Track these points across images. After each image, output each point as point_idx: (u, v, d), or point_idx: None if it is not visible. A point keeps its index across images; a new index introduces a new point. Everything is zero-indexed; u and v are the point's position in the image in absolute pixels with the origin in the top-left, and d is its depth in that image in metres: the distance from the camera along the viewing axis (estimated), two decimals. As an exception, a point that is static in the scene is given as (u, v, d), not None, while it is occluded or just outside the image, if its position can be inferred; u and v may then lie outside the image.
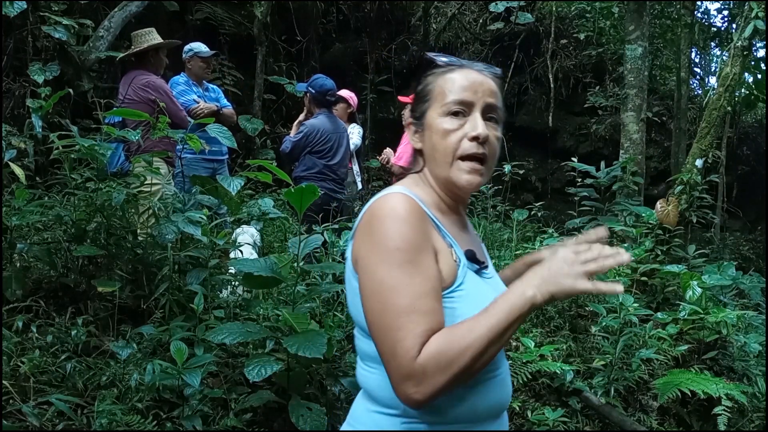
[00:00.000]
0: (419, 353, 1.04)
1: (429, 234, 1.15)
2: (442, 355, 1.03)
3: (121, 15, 5.93)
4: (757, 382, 3.39)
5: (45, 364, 2.18)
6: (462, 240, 1.25)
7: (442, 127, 1.22)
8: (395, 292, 1.08)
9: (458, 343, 1.04)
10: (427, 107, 1.27)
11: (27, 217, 2.69)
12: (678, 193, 4.93)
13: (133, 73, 4.21)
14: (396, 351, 1.05)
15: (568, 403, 3.06)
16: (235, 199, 3.37)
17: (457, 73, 1.25)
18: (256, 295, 2.95)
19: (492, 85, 1.25)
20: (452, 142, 1.21)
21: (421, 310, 1.07)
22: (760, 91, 8.99)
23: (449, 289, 1.15)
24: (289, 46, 9.25)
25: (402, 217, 1.11)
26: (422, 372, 1.03)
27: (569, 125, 11.01)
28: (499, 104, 1.26)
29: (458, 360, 1.03)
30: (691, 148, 5.40)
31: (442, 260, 1.15)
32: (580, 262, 1.05)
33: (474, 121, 1.21)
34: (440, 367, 1.03)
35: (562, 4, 10.96)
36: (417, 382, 1.04)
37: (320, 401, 2.33)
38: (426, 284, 1.09)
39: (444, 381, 1.03)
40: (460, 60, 1.29)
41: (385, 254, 1.10)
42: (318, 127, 4.68)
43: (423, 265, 1.10)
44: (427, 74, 1.29)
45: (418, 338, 1.05)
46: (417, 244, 1.11)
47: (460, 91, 1.22)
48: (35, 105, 4.16)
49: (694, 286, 3.61)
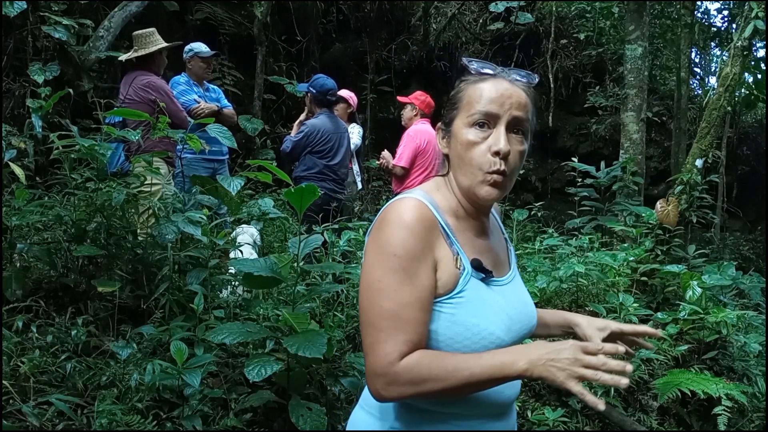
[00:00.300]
0: (399, 359, 1.11)
1: (432, 243, 1.18)
2: (418, 373, 1.10)
3: (121, 15, 5.93)
4: (757, 382, 3.39)
5: (45, 364, 2.18)
6: (475, 246, 1.27)
7: (466, 138, 1.23)
8: (383, 295, 1.14)
9: (437, 371, 1.10)
10: (455, 115, 1.28)
11: (27, 217, 2.69)
12: (678, 193, 4.92)
13: (134, 73, 4.21)
14: (375, 349, 1.13)
15: (568, 403, 3.06)
16: (235, 199, 3.37)
17: (488, 83, 1.24)
18: (256, 295, 2.95)
19: (522, 97, 1.24)
20: (475, 155, 1.22)
21: (404, 318, 1.13)
22: (760, 91, 9.00)
23: (448, 296, 1.18)
24: (289, 46, 9.25)
25: (406, 225, 1.15)
26: (395, 377, 1.11)
27: (569, 125, 11.01)
28: (527, 116, 1.24)
29: (430, 383, 1.10)
30: (691, 148, 5.40)
31: (443, 268, 1.18)
32: (580, 364, 1.06)
33: (497, 135, 1.21)
34: (412, 381, 1.10)
35: (562, 4, 10.96)
36: (387, 383, 1.12)
37: (320, 401, 2.33)
38: (413, 294, 1.14)
39: (410, 392, 1.11)
40: (495, 67, 1.28)
41: (383, 258, 1.15)
42: (319, 127, 4.68)
43: (416, 275, 1.15)
44: (461, 81, 1.30)
45: (399, 345, 1.12)
46: (415, 253, 1.15)
47: (486, 103, 1.22)
48: (35, 105, 4.16)
49: (694, 286, 3.60)
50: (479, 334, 1.17)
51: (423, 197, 1.22)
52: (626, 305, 3.27)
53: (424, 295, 1.15)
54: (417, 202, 1.19)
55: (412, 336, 1.13)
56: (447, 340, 1.17)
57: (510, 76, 1.26)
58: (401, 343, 1.12)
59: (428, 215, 1.19)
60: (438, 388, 1.10)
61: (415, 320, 1.14)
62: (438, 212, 1.22)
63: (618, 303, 3.30)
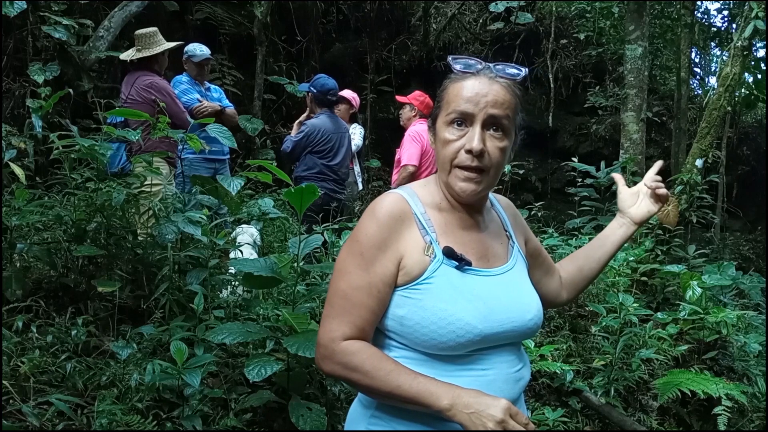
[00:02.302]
0: (341, 339, 1.20)
1: (399, 236, 1.24)
2: (352, 361, 1.18)
3: (121, 15, 5.93)
4: (757, 382, 3.39)
5: (45, 364, 2.18)
6: (457, 237, 1.29)
7: (443, 136, 1.28)
8: (340, 275, 1.25)
9: (370, 369, 1.16)
10: (437, 114, 1.33)
11: (27, 217, 2.69)
12: (678, 193, 4.92)
13: (137, 73, 4.21)
14: (324, 323, 1.24)
15: (568, 403, 3.06)
16: (235, 199, 3.37)
17: (469, 81, 1.27)
18: (256, 295, 2.94)
19: (500, 95, 1.25)
20: (450, 152, 1.27)
21: (352, 300, 1.21)
22: (760, 91, 8.98)
23: (415, 281, 1.23)
24: (289, 46, 9.24)
25: (375, 216, 1.25)
26: (332, 353, 1.20)
27: (569, 125, 11.00)
28: (506, 113, 1.26)
29: (359, 375, 1.17)
30: (691, 148, 5.40)
31: (411, 256, 1.23)
32: (502, 428, 1.08)
33: (472, 134, 1.25)
34: (344, 365, 1.19)
35: (562, 4, 10.95)
36: (323, 356, 1.22)
37: (320, 401, 2.33)
38: (365, 279, 1.21)
39: (340, 374, 1.20)
40: (478, 65, 1.29)
41: (349, 242, 1.26)
42: (319, 126, 4.67)
43: (372, 262, 1.22)
44: (446, 79, 1.33)
45: (342, 324, 1.21)
46: (376, 242, 1.22)
47: (462, 103, 1.25)
48: (35, 105, 4.15)
49: (694, 286, 3.60)
50: (446, 320, 1.18)
51: (405, 192, 1.30)
52: (626, 305, 3.27)
53: (375, 282, 1.21)
54: (395, 197, 1.28)
55: (356, 319, 1.20)
56: (414, 325, 1.20)
57: (493, 72, 1.28)
58: (345, 323, 1.20)
59: (402, 208, 1.26)
60: (365, 383, 1.17)
61: (362, 304, 1.21)
62: (419, 205, 1.28)
63: (618, 303, 3.30)
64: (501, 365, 1.25)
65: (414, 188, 1.33)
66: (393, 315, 1.23)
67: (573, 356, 3.38)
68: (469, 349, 1.21)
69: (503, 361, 1.26)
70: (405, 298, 1.22)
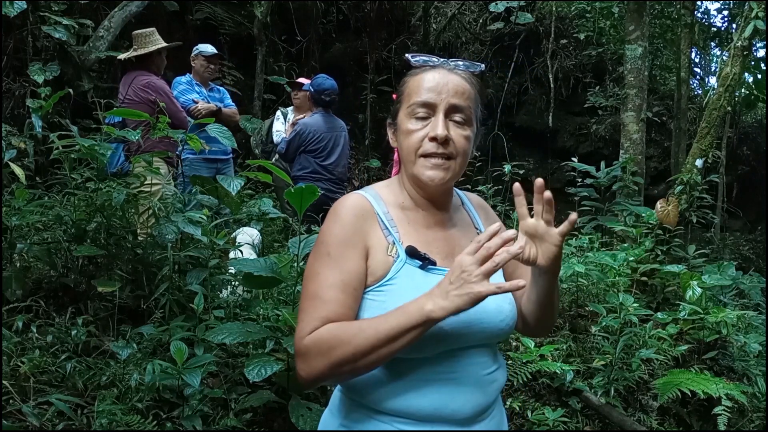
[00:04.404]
0: (309, 334, 1.15)
1: (364, 232, 1.22)
2: (324, 341, 1.12)
3: (121, 15, 5.93)
4: (757, 382, 3.39)
5: (45, 364, 2.18)
6: (421, 236, 1.27)
7: (406, 127, 1.28)
8: (309, 279, 1.21)
9: (343, 336, 1.11)
10: (398, 108, 1.33)
11: (27, 217, 2.69)
12: (678, 193, 4.92)
13: (134, 73, 4.20)
14: (297, 330, 1.19)
15: (568, 403, 3.05)
16: (235, 200, 3.37)
17: (429, 74, 1.28)
18: (256, 295, 2.94)
19: (459, 85, 1.27)
20: (414, 141, 1.27)
21: (324, 297, 1.17)
22: (760, 91, 8.99)
23: (378, 284, 1.20)
24: (289, 46, 9.25)
25: (337, 216, 1.24)
26: (306, 351, 1.15)
27: (569, 125, 11.00)
28: (467, 103, 1.27)
29: (338, 350, 1.11)
30: (691, 148, 5.40)
31: (375, 256, 1.22)
32: (475, 266, 1.04)
33: (435, 122, 1.25)
34: (321, 352, 1.12)
35: (562, 4, 10.95)
36: (302, 361, 1.16)
37: (320, 401, 2.33)
38: (337, 276, 1.18)
39: (323, 365, 1.12)
40: (435, 59, 1.32)
41: (316, 246, 1.25)
42: (311, 125, 4.68)
43: (341, 259, 1.19)
44: (405, 75, 1.34)
45: (314, 321, 1.15)
46: (341, 239, 1.20)
47: (424, 93, 1.26)
48: (35, 105, 4.15)
49: (694, 286, 3.60)
50: None
51: (367, 192, 1.30)
52: (626, 305, 3.26)
53: (348, 277, 1.18)
54: (356, 197, 1.28)
55: (328, 314, 1.15)
56: None
57: (448, 65, 1.30)
58: (315, 320, 1.15)
59: (363, 206, 1.26)
60: (347, 353, 1.10)
61: (334, 299, 1.17)
62: (380, 205, 1.28)
63: (618, 303, 3.29)
64: (472, 367, 1.22)
65: (376, 189, 1.33)
66: (358, 319, 1.20)
67: (573, 356, 3.37)
68: (437, 350, 1.17)
69: (475, 363, 1.22)
70: (369, 300, 1.20)
